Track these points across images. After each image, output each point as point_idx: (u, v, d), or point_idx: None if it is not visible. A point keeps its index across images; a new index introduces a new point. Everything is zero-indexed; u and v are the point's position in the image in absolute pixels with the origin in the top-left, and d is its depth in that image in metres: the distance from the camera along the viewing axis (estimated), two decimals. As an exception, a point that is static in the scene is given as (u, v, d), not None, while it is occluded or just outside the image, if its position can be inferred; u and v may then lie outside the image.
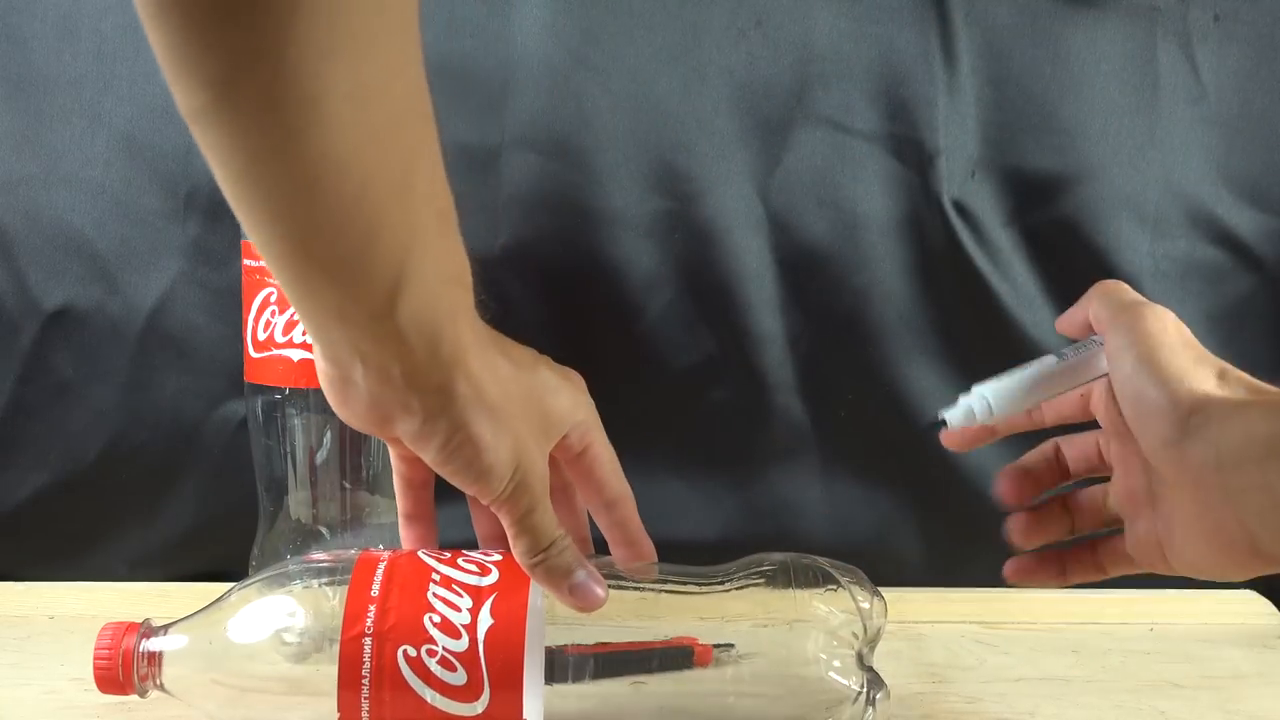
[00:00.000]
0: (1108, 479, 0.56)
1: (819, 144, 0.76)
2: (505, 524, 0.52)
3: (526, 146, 0.74)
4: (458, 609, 0.52)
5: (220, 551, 0.77)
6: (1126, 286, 0.53)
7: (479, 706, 0.51)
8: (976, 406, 0.52)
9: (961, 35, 0.75)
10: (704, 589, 0.56)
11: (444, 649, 0.51)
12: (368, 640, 0.51)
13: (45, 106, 0.74)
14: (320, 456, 0.68)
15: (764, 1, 0.74)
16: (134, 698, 0.55)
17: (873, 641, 0.56)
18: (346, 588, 0.53)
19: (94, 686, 0.54)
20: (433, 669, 0.50)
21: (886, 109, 0.75)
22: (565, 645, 0.54)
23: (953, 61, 0.75)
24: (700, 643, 0.54)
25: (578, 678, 0.54)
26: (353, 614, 0.52)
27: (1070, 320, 0.55)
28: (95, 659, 0.54)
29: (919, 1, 0.74)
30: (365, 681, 0.50)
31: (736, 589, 0.56)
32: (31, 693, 0.62)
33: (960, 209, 0.76)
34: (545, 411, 0.53)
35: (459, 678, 0.51)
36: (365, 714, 0.51)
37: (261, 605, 0.54)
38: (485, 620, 0.51)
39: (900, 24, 0.75)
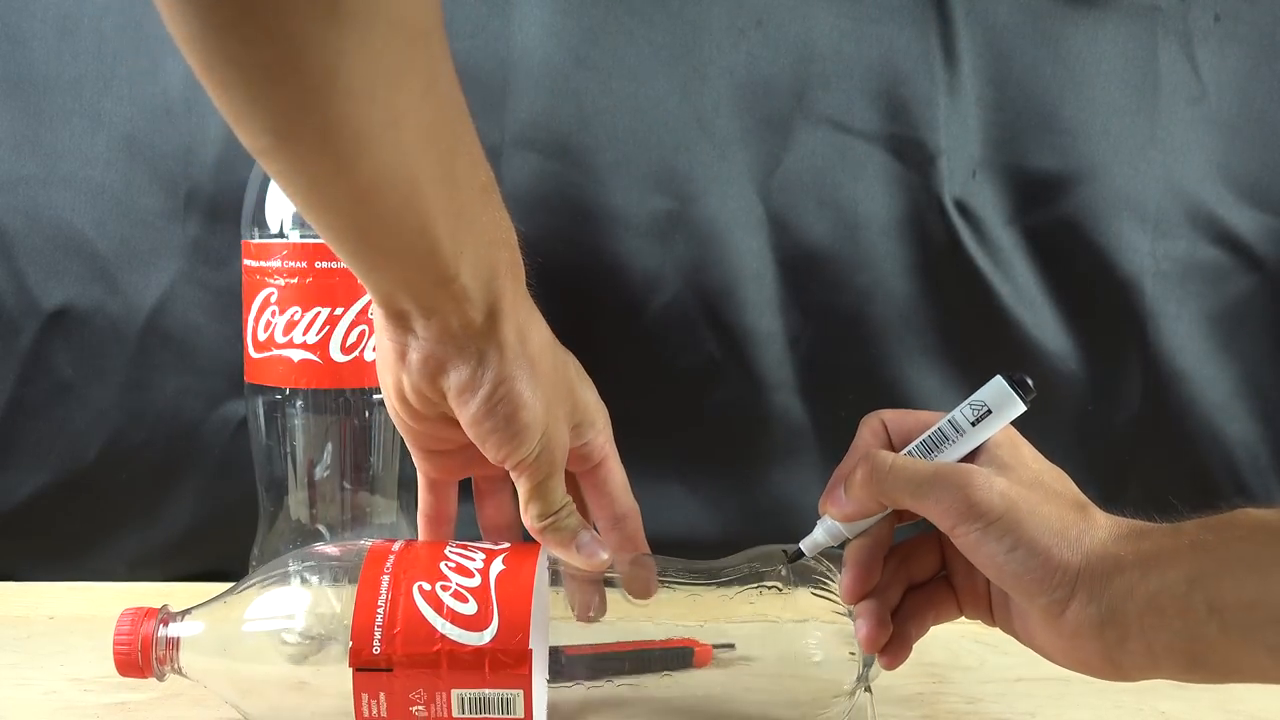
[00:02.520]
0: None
1: (819, 144, 0.76)
2: (521, 489, 0.54)
3: (526, 146, 0.74)
4: (471, 559, 0.54)
5: (220, 551, 0.77)
6: (898, 460, 0.49)
7: (486, 635, 0.52)
8: (828, 532, 0.53)
9: (962, 35, 0.75)
10: (704, 589, 0.56)
11: (457, 584, 0.53)
12: (385, 577, 0.53)
13: (45, 106, 0.74)
14: (320, 457, 0.68)
15: (764, 1, 0.74)
16: (134, 697, 0.55)
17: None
18: (359, 574, 0.54)
19: (94, 687, 0.55)
20: (445, 600, 0.53)
21: (887, 109, 0.75)
22: (566, 645, 0.54)
23: (953, 61, 0.75)
24: (700, 643, 0.54)
25: (579, 677, 0.54)
26: (372, 559, 0.54)
27: (849, 507, 0.51)
28: (115, 643, 0.54)
29: (919, 1, 0.75)
30: (380, 610, 0.52)
31: (737, 590, 0.56)
32: (31, 693, 0.62)
33: (961, 209, 0.76)
34: (572, 392, 0.56)
35: (470, 608, 0.53)
36: (376, 643, 0.52)
37: (276, 594, 0.55)
38: (497, 566, 0.54)
39: (900, 24, 0.75)
